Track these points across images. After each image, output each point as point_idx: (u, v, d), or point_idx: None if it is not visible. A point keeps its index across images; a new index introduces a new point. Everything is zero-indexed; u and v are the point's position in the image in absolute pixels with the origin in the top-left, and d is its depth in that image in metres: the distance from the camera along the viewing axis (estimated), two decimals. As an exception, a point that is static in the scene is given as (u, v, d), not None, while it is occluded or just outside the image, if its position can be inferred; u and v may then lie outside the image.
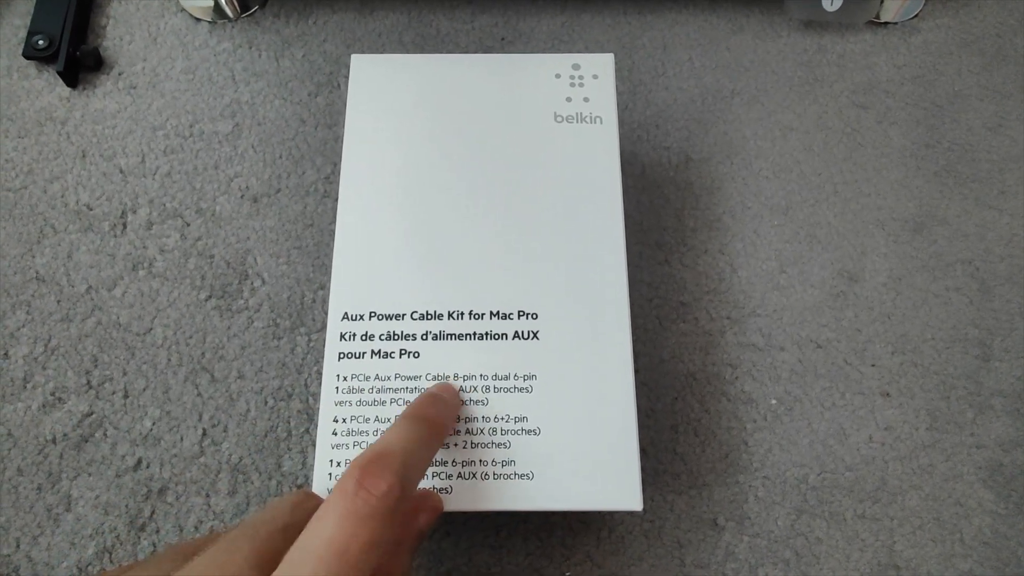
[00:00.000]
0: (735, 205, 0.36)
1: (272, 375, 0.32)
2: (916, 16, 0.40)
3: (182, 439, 0.31)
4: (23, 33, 0.38)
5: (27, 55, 0.37)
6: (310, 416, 0.31)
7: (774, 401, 0.32)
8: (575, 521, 0.30)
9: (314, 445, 0.30)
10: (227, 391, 0.31)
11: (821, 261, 0.35)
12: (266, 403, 0.31)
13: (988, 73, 0.39)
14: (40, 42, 0.37)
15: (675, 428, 0.31)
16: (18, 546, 0.29)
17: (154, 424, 0.31)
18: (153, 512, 0.29)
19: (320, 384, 0.31)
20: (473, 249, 0.26)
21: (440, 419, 0.22)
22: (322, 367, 0.32)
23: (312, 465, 0.30)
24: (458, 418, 0.24)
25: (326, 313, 0.33)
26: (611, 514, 0.30)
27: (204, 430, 0.31)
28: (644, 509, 0.30)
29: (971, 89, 0.39)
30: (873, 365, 0.33)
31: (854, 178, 0.36)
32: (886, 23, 0.40)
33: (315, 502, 0.21)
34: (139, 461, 0.30)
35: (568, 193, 0.27)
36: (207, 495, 0.30)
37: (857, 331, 0.33)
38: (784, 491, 0.31)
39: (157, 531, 0.29)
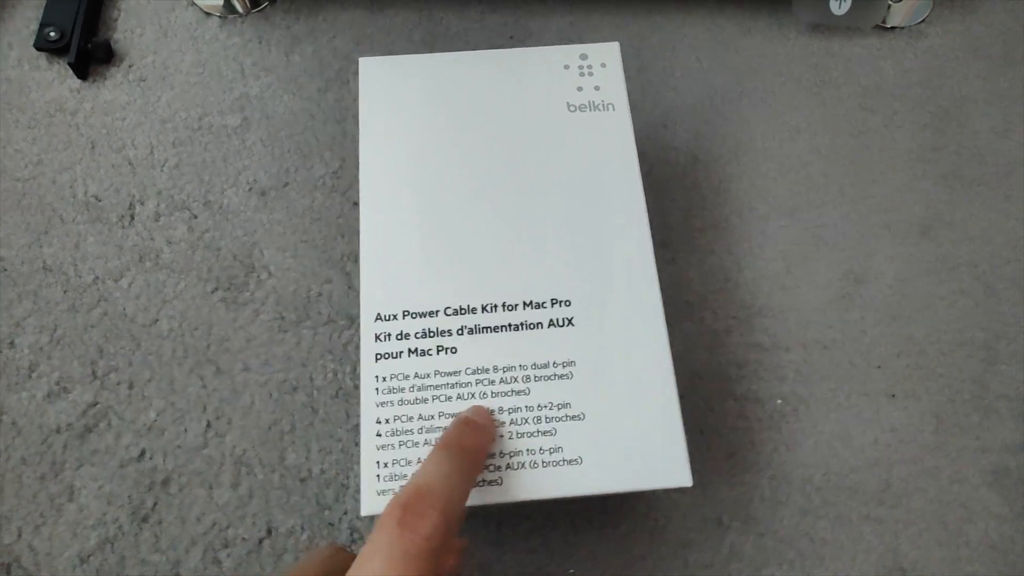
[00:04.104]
0: (742, 206, 0.36)
1: (277, 368, 0.32)
2: (923, 21, 0.40)
3: (186, 431, 0.31)
4: (35, 25, 0.38)
5: (38, 47, 0.37)
6: (315, 409, 0.31)
7: (780, 401, 0.32)
8: (578, 518, 0.30)
9: (318, 438, 0.30)
10: (232, 383, 0.31)
11: (827, 262, 0.35)
12: (271, 396, 0.31)
13: (994, 78, 0.39)
14: (51, 34, 0.37)
15: (682, 423, 0.31)
16: (20, 535, 0.29)
17: (158, 415, 0.31)
18: (156, 503, 0.29)
19: (324, 377, 0.31)
20: (500, 242, 0.26)
21: (476, 447, 0.22)
22: (327, 361, 0.32)
23: (313, 458, 0.30)
24: (493, 441, 0.23)
25: (333, 307, 0.33)
26: (615, 511, 0.30)
27: (208, 422, 0.31)
28: (648, 507, 0.30)
29: (977, 93, 0.39)
30: (879, 367, 0.33)
31: (861, 180, 0.36)
32: (893, 27, 0.40)
33: (344, 557, 0.21)
34: (143, 452, 0.30)
35: (588, 180, 0.27)
36: (210, 487, 0.30)
37: (863, 332, 0.33)
38: (789, 491, 0.30)
39: (160, 522, 0.29)
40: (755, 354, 0.33)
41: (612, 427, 0.24)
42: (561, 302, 0.25)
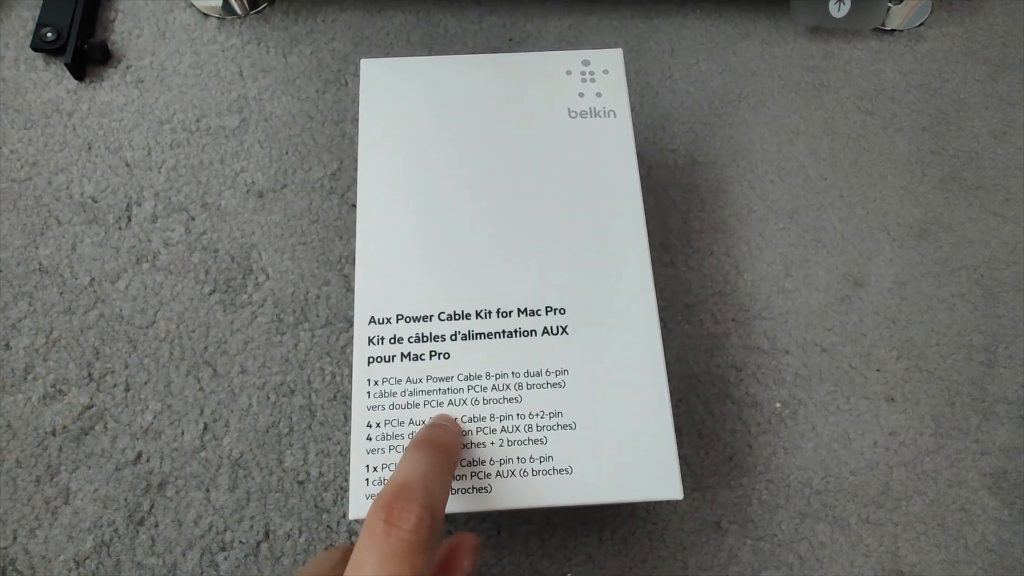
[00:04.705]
0: (741, 208, 0.36)
1: (275, 370, 0.31)
2: (922, 24, 0.40)
3: (183, 433, 0.30)
4: (31, 25, 0.38)
5: (35, 47, 0.37)
6: (312, 412, 0.31)
7: (778, 404, 0.32)
8: (576, 522, 0.30)
9: (316, 441, 0.30)
10: (229, 386, 0.31)
11: (826, 265, 0.35)
12: (268, 398, 0.31)
13: (993, 81, 0.39)
14: (48, 34, 0.37)
15: (679, 430, 0.31)
16: (15, 538, 0.29)
17: (155, 418, 0.31)
18: (152, 506, 0.29)
19: (322, 380, 0.31)
20: (497, 247, 0.26)
21: (448, 443, 0.22)
22: (325, 364, 0.32)
23: (311, 461, 0.30)
24: (462, 446, 0.24)
25: (330, 310, 0.33)
26: (613, 514, 0.30)
27: (205, 424, 0.31)
28: (647, 510, 0.30)
29: (976, 97, 0.39)
30: (878, 370, 0.33)
31: (860, 183, 0.36)
32: (892, 30, 0.40)
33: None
34: (139, 455, 0.30)
35: (587, 187, 0.27)
36: (207, 490, 0.29)
37: (862, 336, 0.33)
38: (788, 495, 0.30)
39: (156, 525, 0.29)
40: (754, 357, 0.33)
41: (604, 437, 0.24)
42: (556, 310, 0.25)
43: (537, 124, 0.28)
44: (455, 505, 0.23)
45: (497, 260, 0.26)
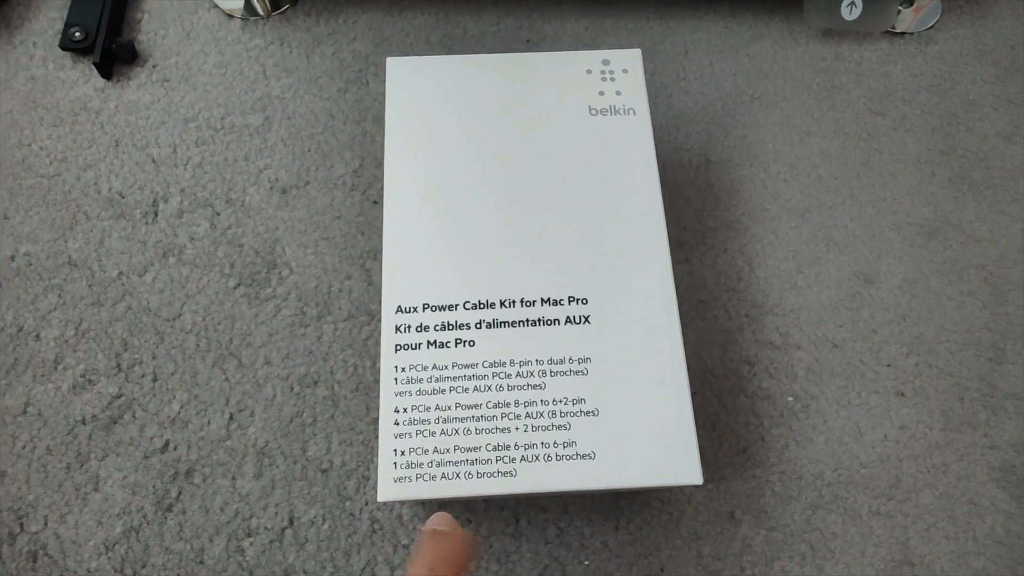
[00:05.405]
0: (754, 207, 0.36)
1: (299, 362, 0.32)
2: (932, 27, 0.41)
3: (209, 422, 0.31)
4: (60, 25, 0.39)
5: (63, 47, 0.38)
6: (335, 403, 0.32)
7: (791, 399, 0.33)
8: (593, 511, 0.30)
9: (339, 431, 0.31)
10: (254, 377, 0.32)
11: (838, 263, 0.35)
12: (292, 389, 0.32)
13: (1002, 83, 0.40)
14: (76, 34, 0.38)
15: (694, 423, 0.32)
16: (46, 524, 0.29)
17: (182, 407, 0.31)
18: (180, 493, 0.30)
19: (344, 372, 0.32)
20: (520, 239, 0.27)
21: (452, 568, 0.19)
22: (347, 356, 0.32)
23: (334, 450, 0.31)
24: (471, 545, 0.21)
25: (353, 303, 0.33)
26: (628, 504, 0.30)
27: (231, 414, 0.31)
28: (662, 501, 0.31)
29: (985, 98, 0.39)
30: (888, 365, 0.33)
31: (870, 183, 0.37)
32: (903, 33, 0.41)
33: None
34: (167, 443, 0.31)
35: (608, 181, 0.28)
36: (233, 478, 0.30)
37: (873, 332, 0.34)
38: (800, 487, 0.31)
39: (183, 512, 0.30)
40: (767, 352, 0.33)
41: (625, 424, 0.24)
42: (578, 300, 0.26)
43: (558, 121, 0.29)
44: (483, 489, 0.23)
45: (520, 251, 0.26)
